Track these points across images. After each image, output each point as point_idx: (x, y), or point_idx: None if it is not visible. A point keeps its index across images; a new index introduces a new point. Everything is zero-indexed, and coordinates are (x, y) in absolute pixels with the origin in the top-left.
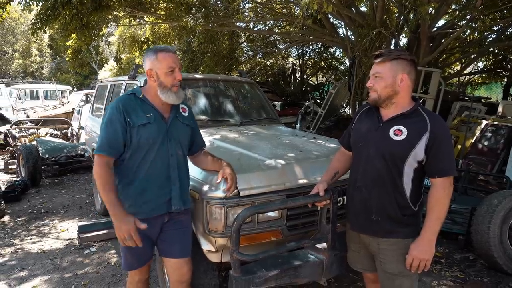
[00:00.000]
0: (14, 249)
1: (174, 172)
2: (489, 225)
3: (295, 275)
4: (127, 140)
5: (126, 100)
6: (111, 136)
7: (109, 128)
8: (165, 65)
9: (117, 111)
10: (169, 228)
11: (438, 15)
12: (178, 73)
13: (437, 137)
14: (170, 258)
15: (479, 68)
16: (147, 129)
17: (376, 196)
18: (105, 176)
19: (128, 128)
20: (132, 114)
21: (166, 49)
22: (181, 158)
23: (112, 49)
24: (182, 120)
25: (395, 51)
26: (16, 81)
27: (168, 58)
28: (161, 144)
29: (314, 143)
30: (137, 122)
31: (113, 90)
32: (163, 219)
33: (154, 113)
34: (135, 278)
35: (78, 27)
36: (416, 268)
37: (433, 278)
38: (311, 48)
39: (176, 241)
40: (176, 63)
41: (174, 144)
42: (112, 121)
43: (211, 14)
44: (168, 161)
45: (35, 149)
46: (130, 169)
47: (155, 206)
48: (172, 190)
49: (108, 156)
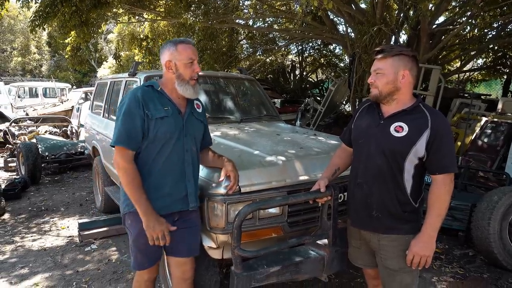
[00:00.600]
0: (14, 246)
1: (189, 168)
2: (489, 221)
3: (296, 271)
4: (144, 132)
5: (144, 91)
6: (130, 128)
7: (128, 119)
8: (185, 56)
9: (135, 101)
10: (179, 227)
11: (438, 11)
12: (196, 65)
13: (438, 134)
14: (177, 257)
15: (478, 65)
16: (164, 122)
17: (376, 192)
18: (131, 171)
19: (146, 120)
20: (150, 106)
21: (186, 41)
22: (195, 154)
23: (111, 46)
24: (197, 116)
25: (396, 47)
26: (15, 79)
27: (188, 49)
28: (177, 139)
29: (314, 140)
30: (155, 115)
31: (112, 87)
32: (174, 217)
33: (171, 107)
34: (144, 277)
35: (77, 24)
36: (416, 264)
37: (433, 274)
38: (311, 45)
39: (185, 240)
40: (195, 55)
41: (189, 139)
42: (131, 111)
43: (211, 11)
44: (184, 156)
45: (35, 147)
46: (145, 162)
47: (171, 202)
48: (188, 186)
49: (128, 148)
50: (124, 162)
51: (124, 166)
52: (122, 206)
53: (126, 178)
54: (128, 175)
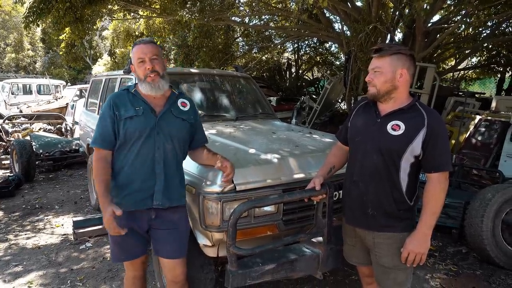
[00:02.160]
0: (8, 244)
1: (159, 166)
2: (482, 219)
3: (291, 268)
4: (116, 132)
5: (117, 96)
6: (103, 130)
7: (101, 122)
8: (136, 56)
9: (108, 106)
10: (160, 227)
11: (433, 10)
12: (148, 62)
13: (433, 133)
14: (162, 258)
15: (473, 63)
16: (133, 122)
17: (372, 190)
18: (97, 167)
19: (116, 121)
20: (121, 108)
21: (140, 41)
22: (170, 152)
23: (106, 43)
24: (177, 114)
25: (394, 46)
26: (9, 75)
27: (138, 50)
28: (147, 136)
29: (310, 138)
30: (124, 115)
31: (107, 84)
32: (149, 215)
33: (143, 106)
34: (130, 274)
35: (72, 21)
36: (411, 262)
37: (427, 271)
38: (307, 43)
39: (168, 241)
40: (145, 53)
41: (163, 137)
42: (104, 115)
43: (206, 8)
44: (154, 154)
45: (29, 144)
46: (117, 161)
47: (138, 199)
48: (156, 184)
49: (101, 148)
50: (94, 160)
51: (94, 163)
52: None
53: (94, 173)
54: (95, 170)
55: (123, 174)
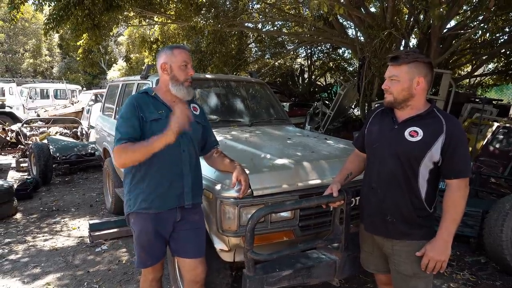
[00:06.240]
0: (27, 246)
1: (186, 167)
2: (502, 228)
3: (308, 275)
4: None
5: (139, 97)
6: (129, 129)
7: (126, 121)
8: (180, 59)
9: (132, 106)
10: (182, 228)
11: (449, 16)
12: (190, 69)
13: (453, 139)
14: (184, 258)
15: (490, 69)
16: (159, 124)
17: (391, 197)
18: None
19: (141, 122)
20: (145, 110)
21: (182, 47)
22: (193, 154)
23: (121, 49)
24: (194, 118)
25: (412, 54)
26: (27, 80)
27: (183, 53)
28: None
29: (325, 144)
30: (149, 117)
31: (124, 89)
32: (175, 217)
33: (165, 110)
34: (149, 277)
35: (89, 27)
36: (431, 269)
37: (444, 281)
38: (320, 48)
39: (190, 240)
40: (189, 59)
41: (186, 140)
42: (128, 115)
43: (221, 14)
44: (180, 157)
45: (47, 147)
46: (144, 164)
47: (168, 201)
48: (185, 185)
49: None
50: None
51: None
52: (125, 207)
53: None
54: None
55: (150, 177)
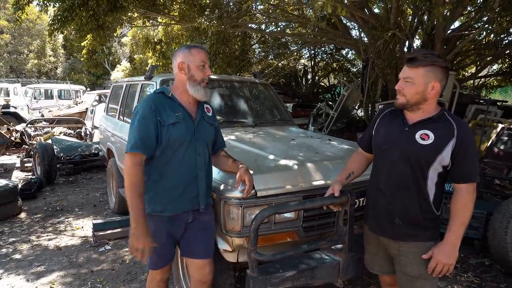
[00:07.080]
0: (31, 245)
1: (201, 171)
2: (507, 230)
3: (312, 276)
4: (158, 138)
5: (156, 99)
6: (144, 134)
7: (142, 126)
8: (198, 59)
9: (149, 109)
10: (193, 228)
11: (453, 17)
12: (208, 69)
13: (463, 143)
14: (193, 258)
15: (494, 70)
16: (176, 128)
17: (399, 199)
18: (136, 176)
19: (159, 126)
20: (162, 113)
21: (200, 46)
22: (208, 157)
23: (124, 49)
24: (208, 120)
25: (430, 57)
26: (31, 81)
27: (201, 53)
28: (189, 143)
29: (329, 145)
30: (167, 121)
31: (128, 90)
32: (187, 219)
33: (182, 112)
34: (157, 277)
35: (94, 28)
36: (438, 272)
37: (448, 283)
38: (323, 49)
39: (200, 241)
40: (207, 59)
41: (201, 143)
42: (145, 119)
43: (224, 15)
44: (196, 160)
45: (51, 147)
46: (159, 166)
47: (182, 204)
48: (199, 188)
49: (143, 154)
50: (132, 166)
51: (131, 169)
52: None
53: (128, 181)
54: (132, 179)
55: (165, 181)
